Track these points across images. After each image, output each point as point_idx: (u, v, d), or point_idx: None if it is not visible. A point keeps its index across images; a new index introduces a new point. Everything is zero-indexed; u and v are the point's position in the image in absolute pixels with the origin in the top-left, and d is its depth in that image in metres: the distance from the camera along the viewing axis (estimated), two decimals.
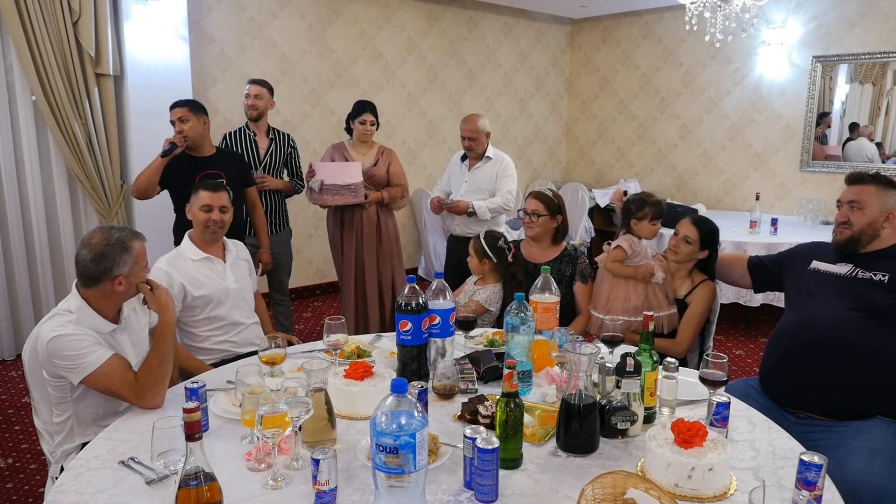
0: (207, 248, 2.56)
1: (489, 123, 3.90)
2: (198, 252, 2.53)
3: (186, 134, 3.28)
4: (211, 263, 2.55)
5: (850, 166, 5.46)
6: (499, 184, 3.84)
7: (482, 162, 3.88)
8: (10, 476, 2.90)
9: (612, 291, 2.70)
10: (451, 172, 4.08)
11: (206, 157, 3.41)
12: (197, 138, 3.34)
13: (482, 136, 3.81)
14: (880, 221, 2.12)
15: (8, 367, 4.09)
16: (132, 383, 1.79)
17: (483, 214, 3.79)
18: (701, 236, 2.57)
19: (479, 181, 3.87)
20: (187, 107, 3.33)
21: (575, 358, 1.57)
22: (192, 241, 2.56)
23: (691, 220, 2.63)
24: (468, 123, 3.81)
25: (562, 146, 7.82)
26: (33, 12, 3.81)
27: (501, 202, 3.83)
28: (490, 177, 3.86)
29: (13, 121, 4.06)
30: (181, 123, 3.29)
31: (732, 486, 1.41)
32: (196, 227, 2.56)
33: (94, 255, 1.83)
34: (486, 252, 2.81)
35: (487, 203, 3.80)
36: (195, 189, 2.59)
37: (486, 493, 1.36)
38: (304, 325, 5.07)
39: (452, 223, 3.95)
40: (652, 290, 2.64)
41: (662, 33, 6.71)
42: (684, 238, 2.58)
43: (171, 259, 2.49)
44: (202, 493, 1.17)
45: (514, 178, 3.90)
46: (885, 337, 1.99)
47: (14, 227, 4.10)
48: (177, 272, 2.44)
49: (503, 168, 3.86)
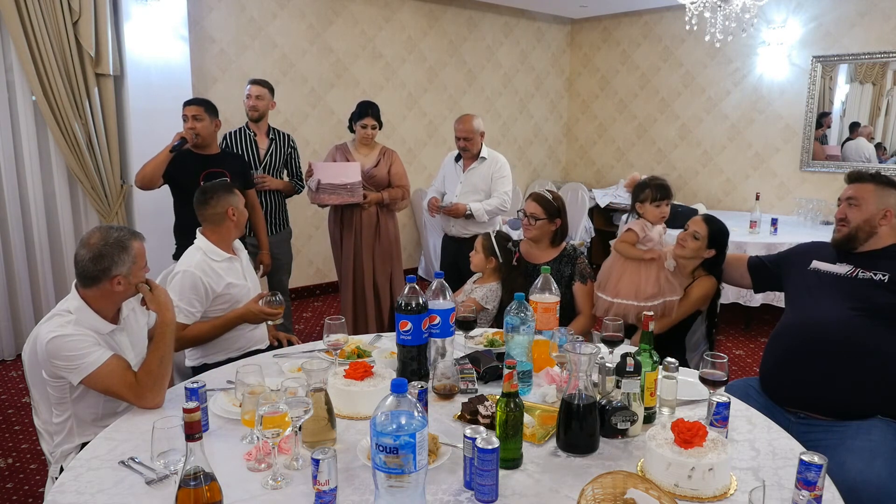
0: (227, 249, 2.56)
1: (483, 123, 3.91)
2: (221, 253, 2.52)
3: (199, 132, 3.37)
4: (232, 263, 2.55)
5: (850, 166, 5.46)
6: (494, 185, 3.84)
7: (477, 162, 3.88)
8: (10, 476, 2.90)
9: (624, 276, 2.69)
10: (446, 173, 4.07)
11: (212, 156, 3.48)
12: (207, 137, 3.43)
13: (477, 136, 3.82)
14: (877, 219, 2.12)
15: (8, 367, 4.09)
16: (132, 383, 1.79)
17: (481, 217, 3.79)
18: (710, 234, 2.57)
19: (475, 182, 3.87)
20: (203, 106, 3.43)
21: (575, 358, 1.57)
22: (211, 243, 2.52)
23: (702, 217, 2.63)
24: (463, 123, 3.81)
25: (562, 146, 7.82)
26: (33, 12, 3.81)
27: (498, 203, 3.83)
28: (485, 177, 3.86)
29: (13, 121, 4.06)
30: (195, 121, 3.37)
31: (732, 486, 1.41)
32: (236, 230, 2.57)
33: (93, 254, 1.83)
34: (495, 250, 2.81)
35: (484, 205, 3.80)
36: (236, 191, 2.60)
37: (486, 493, 1.36)
38: (304, 325, 5.07)
39: (449, 224, 3.96)
40: (664, 276, 2.64)
41: (662, 33, 6.71)
42: (693, 233, 2.58)
43: (200, 264, 2.43)
44: (202, 493, 1.17)
45: (509, 178, 3.90)
46: (885, 337, 1.99)
47: (14, 227, 4.10)
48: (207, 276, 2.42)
49: (498, 169, 3.86)
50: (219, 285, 2.45)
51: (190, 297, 2.37)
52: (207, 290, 2.41)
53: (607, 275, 2.77)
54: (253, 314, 2.42)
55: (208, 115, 3.41)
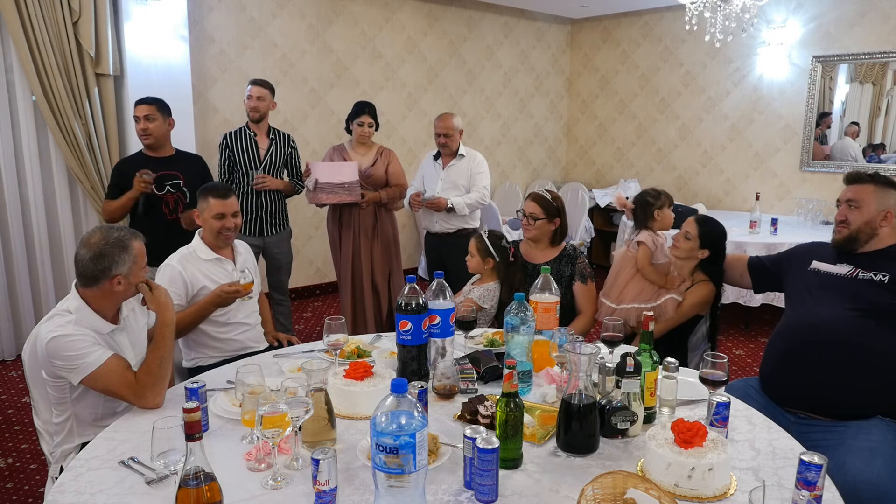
0: (219, 249, 2.57)
1: (461, 122, 4.05)
2: (209, 252, 2.53)
3: (151, 132, 3.31)
4: (221, 264, 2.55)
5: (850, 166, 5.46)
6: (473, 180, 3.97)
7: (456, 159, 3.99)
8: (10, 476, 2.90)
9: (629, 284, 2.76)
10: (425, 172, 4.14)
11: (165, 158, 3.44)
12: (161, 138, 3.37)
13: (456, 134, 3.96)
14: (878, 220, 2.12)
15: (8, 367, 4.09)
16: (131, 383, 1.79)
17: (461, 210, 3.90)
18: (700, 233, 2.58)
19: (454, 178, 3.98)
20: (156, 105, 3.33)
21: (575, 358, 1.57)
22: (203, 241, 2.55)
23: (695, 217, 2.65)
24: (443, 121, 3.94)
25: (562, 146, 7.82)
26: (33, 12, 3.81)
27: (478, 197, 3.95)
28: (465, 173, 3.97)
29: (13, 121, 4.06)
30: (147, 121, 3.30)
31: (732, 486, 1.41)
32: (208, 234, 2.55)
33: (93, 254, 1.83)
34: (490, 250, 2.81)
35: (465, 199, 3.91)
36: (202, 196, 2.56)
37: (486, 493, 1.36)
38: (304, 325, 5.07)
39: (431, 220, 4.03)
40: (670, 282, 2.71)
41: (662, 33, 6.71)
42: (684, 234, 2.60)
43: (183, 258, 2.49)
44: (202, 493, 1.17)
45: (487, 174, 4.04)
46: (885, 337, 1.99)
47: (14, 226, 4.10)
48: (186, 271, 2.45)
49: (476, 165, 3.99)
50: (198, 282, 2.47)
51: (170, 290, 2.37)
52: (187, 284, 2.44)
53: (613, 282, 2.80)
54: (218, 296, 2.39)
55: (161, 114, 3.32)
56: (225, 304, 2.43)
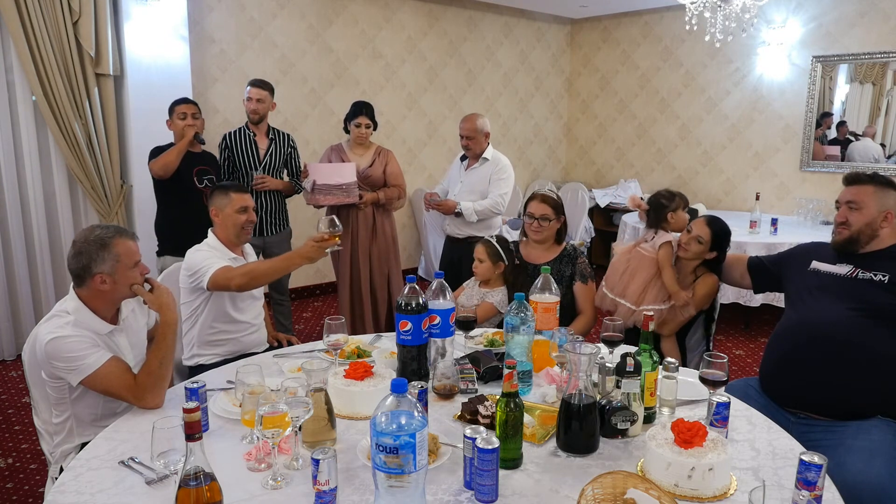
0: (234, 248, 2.56)
1: (489, 124, 3.86)
2: (227, 251, 2.53)
3: (199, 130, 3.58)
4: (237, 263, 2.55)
5: (850, 166, 5.46)
6: (491, 186, 3.76)
7: (478, 163, 3.83)
8: (10, 476, 2.90)
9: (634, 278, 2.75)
10: (451, 173, 4.07)
11: (199, 154, 3.68)
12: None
13: (480, 136, 3.77)
14: (879, 221, 2.12)
15: (8, 367, 4.09)
16: (131, 384, 1.79)
17: (469, 216, 3.73)
18: (713, 237, 2.58)
19: (473, 182, 3.82)
20: (196, 105, 3.64)
21: (575, 358, 1.57)
22: (220, 240, 2.54)
23: (705, 220, 2.63)
24: (466, 122, 3.78)
25: (562, 146, 7.82)
26: (33, 12, 3.81)
27: (490, 205, 3.73)
28: (484, 178, 3.79)
29: (13, 121, 4.06)
30: (193, 119, 3.57)
31: (732, 486, 1.41)
32: (230, 230, 2.53)
33: (74, 252, 1.85)
34: (502, 255, 2.78)
35: (475, 205, 3.73)
36: (220, 193, 2.55)
37: (486, 493, 1.35)
38: (304, 325, 5.07)
39: (444, 223, 3.97)
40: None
41: (662, 33, 6.71)
42: (696, 237, 2.59)
43: (212, 248, 2.49)
44: (202, 493, 1.17)
45: (508, 181, 3.81)
46: (885, 337, 1.99)
47: (14, 226, 4.10)
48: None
49: (498, 171, 3.78)
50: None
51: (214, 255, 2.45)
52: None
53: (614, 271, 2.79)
54: (310, 248, 2.34)
55: (200, 113, 3.64)
56: (315, 258, 2.38)
